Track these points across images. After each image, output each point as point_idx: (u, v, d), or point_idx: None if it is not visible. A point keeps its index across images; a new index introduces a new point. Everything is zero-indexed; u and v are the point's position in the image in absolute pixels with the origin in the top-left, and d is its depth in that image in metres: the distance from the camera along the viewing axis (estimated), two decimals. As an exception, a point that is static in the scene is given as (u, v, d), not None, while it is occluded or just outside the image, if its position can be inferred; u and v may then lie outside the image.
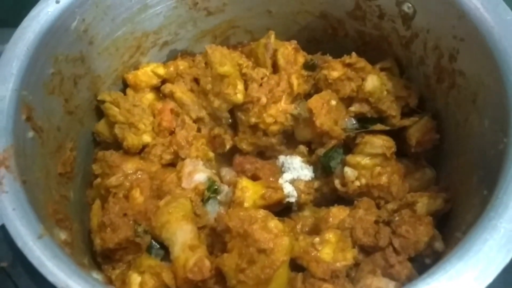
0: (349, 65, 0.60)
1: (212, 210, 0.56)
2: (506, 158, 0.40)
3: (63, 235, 0.46)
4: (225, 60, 0.59)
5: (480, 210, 0.39)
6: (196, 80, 0.62)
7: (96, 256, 0.53)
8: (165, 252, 0.52)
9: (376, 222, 0.52)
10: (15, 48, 0.48)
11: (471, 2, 0.48)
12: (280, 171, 0.60)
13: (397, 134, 0.59)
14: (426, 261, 0.49)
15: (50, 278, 0.36)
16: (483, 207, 0.39)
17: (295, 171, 0.59)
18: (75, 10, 0.52)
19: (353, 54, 0.60)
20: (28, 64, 0.47)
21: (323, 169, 0.58)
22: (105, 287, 0.37)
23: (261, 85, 0.59)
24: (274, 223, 0.48)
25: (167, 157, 0.59)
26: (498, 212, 0.37)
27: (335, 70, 0.60)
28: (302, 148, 0.61)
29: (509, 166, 0.39)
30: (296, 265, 0.50)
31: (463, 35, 0.50)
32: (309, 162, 0.60)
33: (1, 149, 0.42)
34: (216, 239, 0.51)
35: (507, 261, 0.35)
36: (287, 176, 0.58)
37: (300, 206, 0.59)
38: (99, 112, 0.61)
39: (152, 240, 0.53)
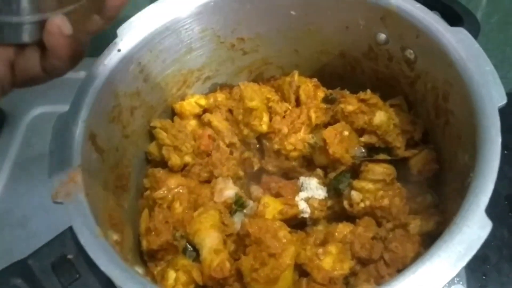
0: (363, 101, 0.69)
1: (238, 221, 0.66)
2: (469, 191, 0.48)
3: (115, 236, 0.57)
4: (255, 96, 0.70)
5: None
6: (230, 111, 0.73)
7: (143, 255, 0.65)
8: (197, 254, 0.63)
9: (374, 238, 0.60)
10: (85, 87, 0.60)
11: (457, 53, 0.56)
12: (299, 189, 0.70)
13: (403, 162, 0.67)
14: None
15: (103, 268, 0.48)
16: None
17: (311, 191, 0.68)
18: (133, 56, 0.64)
19: (368, 91, 0.69)
20: (94, 101, 0.59)
21: (334, 191, 0.68)
22: (141, 278, 0.48)
23: (284, 117, 0.70)
24: (283, 233, 0.58)
25: (204, 175, 0.70)
26: (452, 236, 0.45)
27: (350, 104, 0.69)
28: (319, 171, 0.70)
29: (468, 197, 0.47)
30: (303, 271, 0.59)
31: (451, 81, 0.58)
32: (324, 184, 0.69)
33: (72, 168, 0.55)
34: (240, 243, 0.62)
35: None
36: (302, 194, 0.67)
37: (314, 221, 0.68)
38: (151, 136, 0.73)
39: (187, 244, 0.64)
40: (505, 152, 0.60)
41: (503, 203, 0.86)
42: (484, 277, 0.78)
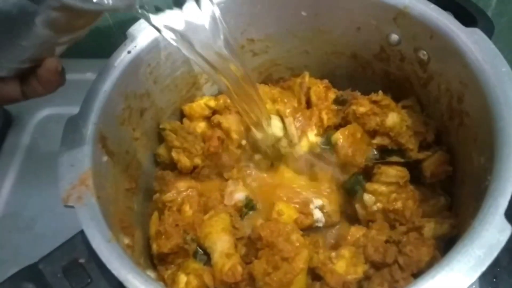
0: (375, 102, 0.68)
1: (249, 224, 0.66)
2: (487, 194, 0.47)
3: (126, 240, 0.57)
4: (266, 98, 0.69)
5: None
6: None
7: (153, 259, 0.64)
8: (208, 257, 0.62)
9: (387, 241, 0.59)
10: (95, 89, 0.60)
11: (473, 54, 0.55)
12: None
13: (415, 164, 0.66)
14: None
15: (115, 272, 0.47)
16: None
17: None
18: (143, 58, 0.64)
19: (380, 92, 0.68)
20: (104, 103, 0.59)
21: (346, 193, 0.67)
22: (154, 282, 0.47)
23: (295, 118, 0.69)
24: (296, 237, 0.57)
25: (214, 177, 0.69)
26: (471, 240, 0.44)
27: (362, 106, 0.68)
28: (331, 173, 0.70)
29: (487, 200, 0.46)
30: (316, 275, 0.59)
31: (467, 82, 0.57)
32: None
33: (83, 171, 0.54)
34: (251, 246, 0.61)
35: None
36: (317, 202, 0.66)
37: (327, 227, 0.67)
38: (160, 138, 0.72)
39: (198, 247, 0.63)
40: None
41: (513, 205, 0.85)
42: (494, 280, 0.77)
